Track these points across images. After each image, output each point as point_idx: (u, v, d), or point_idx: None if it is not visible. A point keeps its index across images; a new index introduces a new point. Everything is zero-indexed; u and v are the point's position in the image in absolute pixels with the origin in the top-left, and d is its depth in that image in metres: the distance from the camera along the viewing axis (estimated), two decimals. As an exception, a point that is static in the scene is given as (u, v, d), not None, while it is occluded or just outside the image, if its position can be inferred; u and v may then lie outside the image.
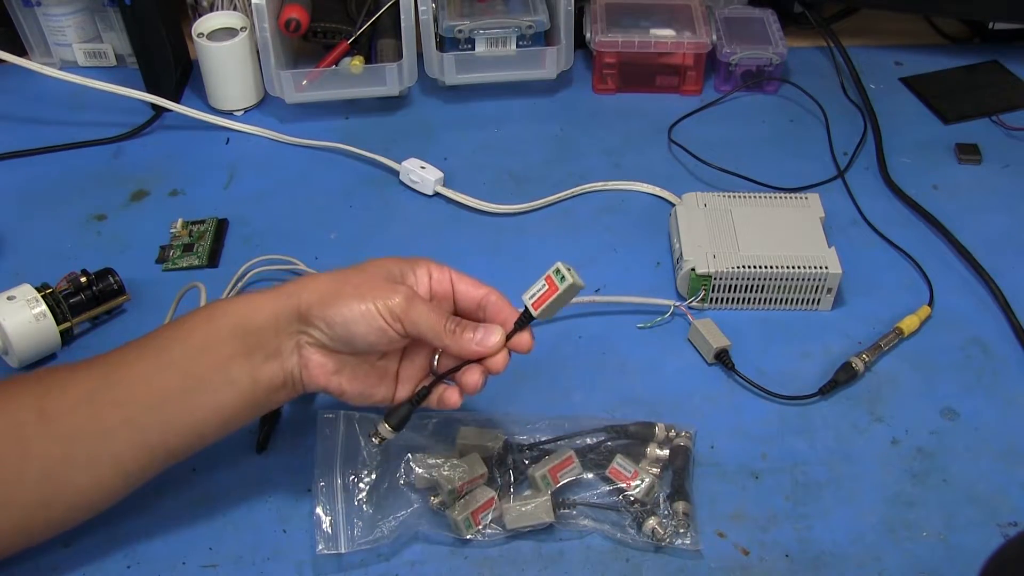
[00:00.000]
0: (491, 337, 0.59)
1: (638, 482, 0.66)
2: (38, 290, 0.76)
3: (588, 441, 0.69)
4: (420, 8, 0.97)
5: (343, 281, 0.59)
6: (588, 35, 1.04)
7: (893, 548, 0.65)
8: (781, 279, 0.79)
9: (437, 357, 0.64)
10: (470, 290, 0.62)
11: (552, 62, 1.01)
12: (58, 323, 0.75)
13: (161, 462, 0.60)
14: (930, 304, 0.81)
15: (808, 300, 0.81)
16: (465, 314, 0.62)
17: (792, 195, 0.87)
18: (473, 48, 1.01)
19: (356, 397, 0.61)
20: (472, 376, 0.60)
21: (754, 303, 0.81)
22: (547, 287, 0.59)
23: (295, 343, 0.59)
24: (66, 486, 0.58)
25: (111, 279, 0.79)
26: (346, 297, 0.58)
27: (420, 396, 0.61)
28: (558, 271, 0.59)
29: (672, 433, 0.70)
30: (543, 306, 0.59)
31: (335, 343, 0.59)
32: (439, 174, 0.93)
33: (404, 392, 0.63)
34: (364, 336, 0.58)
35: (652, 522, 0.64)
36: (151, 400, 0.58)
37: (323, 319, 0.58)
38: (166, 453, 0.59)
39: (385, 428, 0.61)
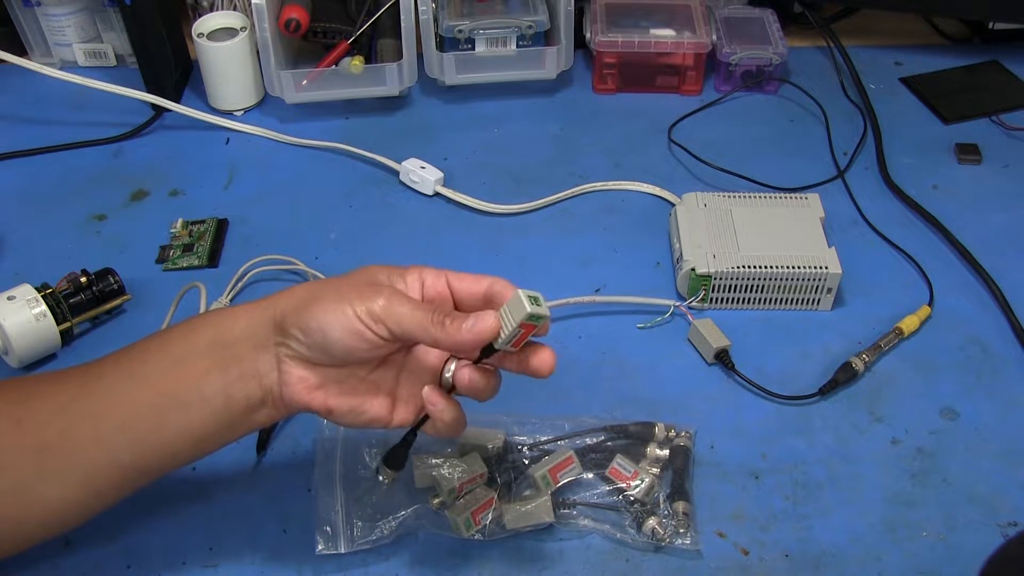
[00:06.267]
0: (483, 321, 0.53)
1: (638, 482, 0.66)
2: (38, 290, 0.76)
3: (588, 441, 0.69)
4: (420, 8, 0.97)
5: (323, 287, 0.55)
6: (588, 35, 1.04)
7: (893, 548, 0.65)
8: (781, 279, 0.79)
9: (449, 369, 0.58)
10: (471, 286, 0.57)
11: (552, 62, 1.01)
12: (58, 323, 0.75)
13: (134, 481, 0.57)
14: (930, 304, 0.81)
15: (808, 300, 0.81)
16: (472, 311, 0.56)
17: (792, 195, 0.87)
18: (473, 48, 1.01)
19: (346, 415, 0.56)
20: (543, 354, 0.55)
21: (754, 303, 0.81)
22: (523, 331, 0.54)
23: (274, 357, 0.55)
24: (36, 500, 0.55)
25: (111, 279, 0.79)
26: (323, 301, 0.53)
27: (418, 424, 0.57)
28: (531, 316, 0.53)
29: (672, 433, 0.70)
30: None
31: (313, 352, 0.54)
32: (439, 174, 0.93)
33: (403, 413, 0.58)
34: (340, 341, 0.53)
35: (652, 522, 0.64)
36: (122, 416, 0.55)
37: (298, 326, 0.53)
38: (138, 472, 0.56)
39: (386, 471, 0.60)
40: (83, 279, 0.78)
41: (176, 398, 0.55)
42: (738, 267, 0.79)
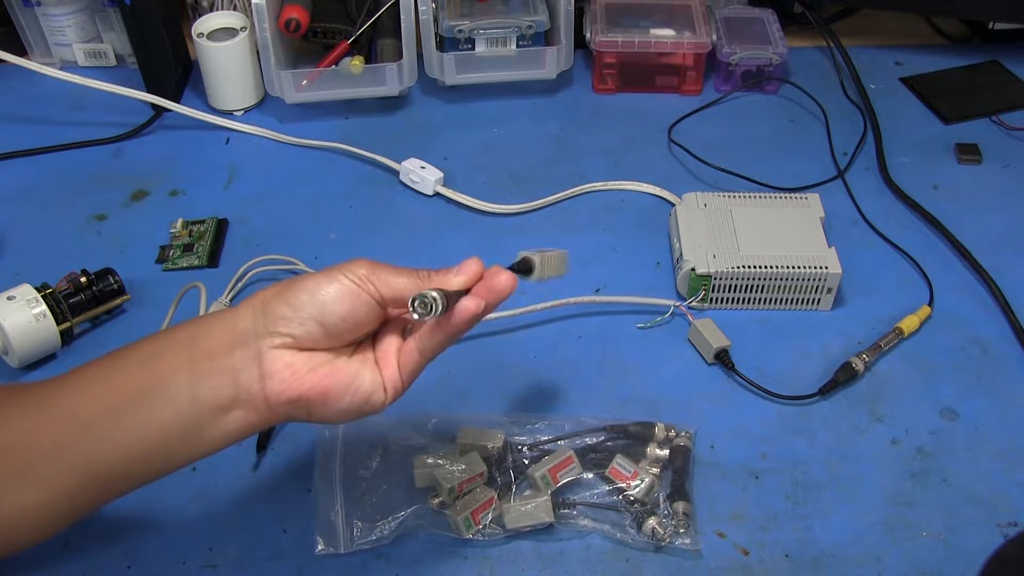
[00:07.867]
0: (468, 266, 0.55)
1: (638, 482, 0.66)
2: (38, 290, 0.76)
3: (588, 441, 0.69)
4: (420, 8, 0.97)
5: (299, 277, 0.54)
6: (588, 35, 1.04)
7: (893, 548, 0.65)
8: (781, 279, 0.79)
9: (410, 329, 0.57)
10: (397, 297, 0.55)
11: (552, 62, 1.01)
12: (58, 323, 0.75)
13: (94, 493, 0.53)
14: (930, 304, 0.81)
15: (808, 300, 0.81)
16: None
17: (792, 195, 0.87)
18: (473, 48, 1.01)
19: (343, 392, 0.53)
20: (501, 277, 0.55)
21: (754, 303, 0.81)
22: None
23: (254, 353, 0.52)
24: None
25: (111, 279, 0.79)
26: (308, 278, 0.53)
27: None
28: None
29: (672, 433, 0.70)
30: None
31: (306, 327, 0.52)
32: (439, 174, 0.93)
33: (390, 372, 0.55)
34: (337, 303, 0.52)
35: (652, 522, 0.64)
36: (79, 419, 0.52)
37: (287, 303, 0.52)
38: (95, 482, 0.53)
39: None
40: (83, 279, 0.78)
41: (136, 398, 0.52)
42: (738, 267, 0.79)
